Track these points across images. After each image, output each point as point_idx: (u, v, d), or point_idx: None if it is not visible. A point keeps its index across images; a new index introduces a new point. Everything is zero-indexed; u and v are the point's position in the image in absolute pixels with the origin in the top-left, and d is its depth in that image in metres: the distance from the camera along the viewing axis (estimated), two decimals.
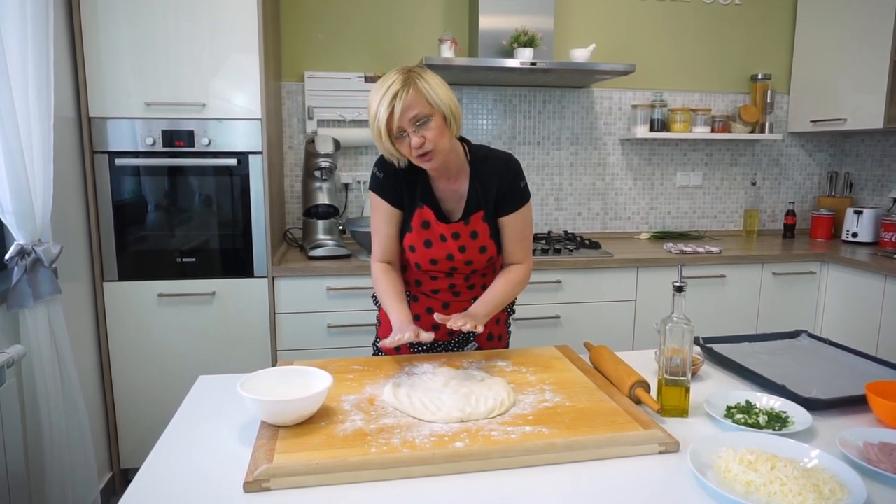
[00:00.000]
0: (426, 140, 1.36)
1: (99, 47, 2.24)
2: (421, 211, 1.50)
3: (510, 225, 1.55)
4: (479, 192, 1.52)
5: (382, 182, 1.52)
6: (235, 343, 2.46)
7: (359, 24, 2.99)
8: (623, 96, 3.27)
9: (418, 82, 1.35)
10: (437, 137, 1.37)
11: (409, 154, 1.40)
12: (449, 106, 1.39)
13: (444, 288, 1.59)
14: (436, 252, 1.52)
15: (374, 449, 1.02)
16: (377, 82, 1.38)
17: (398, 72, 1.37)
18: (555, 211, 3.31)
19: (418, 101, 1.34)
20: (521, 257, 1.59)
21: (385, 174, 1.52)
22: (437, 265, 1.54)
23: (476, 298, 1.61)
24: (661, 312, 2.65)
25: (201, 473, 1.00)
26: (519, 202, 1.54)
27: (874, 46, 2.88)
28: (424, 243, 1.51)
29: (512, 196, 1.53)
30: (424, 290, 1.61)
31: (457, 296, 1.60)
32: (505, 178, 1.52)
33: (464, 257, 1.53)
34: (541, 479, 1.00)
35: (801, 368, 1.46)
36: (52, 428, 1.89)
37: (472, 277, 1.60)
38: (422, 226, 1.51)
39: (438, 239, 1.51)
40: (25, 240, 1.82)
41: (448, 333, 1.63)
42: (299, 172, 3.01)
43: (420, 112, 1.34)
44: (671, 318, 1.21)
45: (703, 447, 1.04)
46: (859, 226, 3.12)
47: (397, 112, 1.32)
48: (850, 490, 0.92)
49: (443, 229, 1.51)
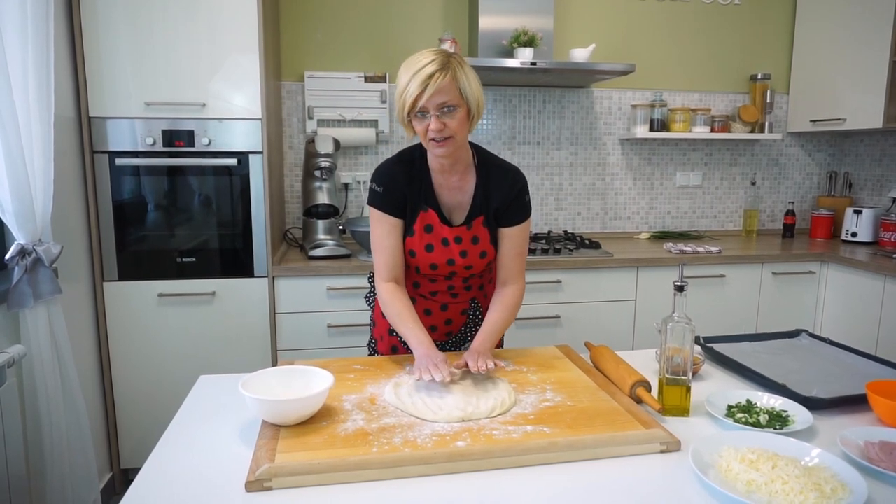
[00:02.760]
0: (446, 127, 1.34)
1: (99, 47, 2.24)
2: (424, 214, 1.48)
3: (511, 238, 1.53)
4: (483, 196, 1.50)
5: (382, 196, 1.48)
6: (235, 343, 2.46)
7: (359, 23, 2.99)
8: (623, 96, 3.27)
9: (457, 70, 1.34)
10: (458, 128, 1.36)
11: (423, 135, 1.38)
12: (477, 101, 1.39)
13: (443, 290, 1.58)
14: (437, 257, 1.50)
15: (375, 448, 1.02)
16: (412, 56, 1.36)
17: (437, 52, 1.35)
18: (555, 211, 3.31)
19: (451, 88, 1.33)
20: (516, 275, 1.55)
21: (384, 187, 1.48)
22: (437, 270, 1.53)
23: (474, 299, 1.61)
24: (661, 312, 2.66)
25: (203, 473, 1.00)
26: (523, 216, 1.53)
27: (873, 46, 2.88)
28: (426, 247, 1.49)
29: (516, 208, 1.51)
30: (423, 293, 1.60)
31: (454, 297, 1.59)
32: (512, 190, 1.50)
33: (464, 262, 1.51)
34: (542, 478, 1.00)
35: (802, 368, 1.46)
36: (52, 428, 1.89)
37: (471, 280, 1.59)
38: (424, 229, 1.49)
39: (440, 243, 1.50)
40: (26, 240, 1.82)
41: (445, 334, 1.63)
42: (299, 172, 3.01)
43: (449, 100, 1.33)
44: (672, 318, 1.21)
45: (704, 446, 1.04)
46: (859, 225, 3.12)
47: (428, 93, 1.31)
48: (852, 489, 0.92)
49: (445, 233, 1.49)
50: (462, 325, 1.64)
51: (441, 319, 1.60)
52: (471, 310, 1.62)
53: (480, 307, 1.63)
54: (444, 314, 1.60)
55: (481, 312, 1.63)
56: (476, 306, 1.63)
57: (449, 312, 1.60)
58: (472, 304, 1.62)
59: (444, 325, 1.61)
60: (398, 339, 1.62)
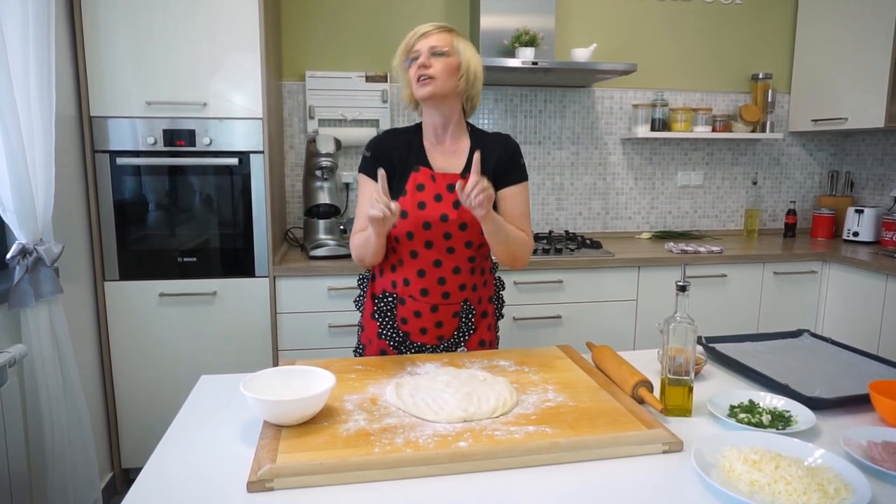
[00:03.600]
0: (431, 66, 1.45)
1: (100, 46, 2.24)
2: (416, 174, 1.51)
3: (512, 197, 1.56)
4: None
5: (370, 161, 1.55)
6: (236, 343, 2.46)
7: (360, 23, 2.98)
8: (624, 96, 3.27)
9: (455, 33, 1.51)
10: (442, 71, 1.46)
11: (412, 77, 1.47)
12: (468, 61, 1.49)
13: (434, 286, 1.54)
14: (429, 213, 1.48)
15: (377, 449, 1.02)
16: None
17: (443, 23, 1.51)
18: (556, 210, 3.31)
19: (444, 38, 1.47)
20: (524, 231, 1.57)
21: (373, 152, 1.56)
22: (431, 230, 1.49)
23: (466, 301, 1.58)
24: (663, 312, 2.66)
25: (204, 473, 1.00)
26: (520, 176, 1.58)
27: (875, 45, 2.88)
28: (418, 205, 1.49)
29: (512, 169, 1.56)
30: (412, 292, 1.56)
31: (445, 297, 1.55)
32: (506, 152, 1.56)
33: (458, 216, 1.48)
34: (544, 478, 0.99)
35: (804, 368, 1.46)
36: (53, 427, 1.89)
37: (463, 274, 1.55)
38: (416, 188, 1.50)
39: (433, 199, 1.50)
40: (27, 239, 1.82)
41: (437, 338, 1.59)
42: (300, 172, 3.00)
43: (440, 45, 1.46)
44: (674, 318, 1.21)
45: (706, 447, 1.04)
46: (860, 225, 3.12)
47: (423, 38, 1.46)
48: (855, 489, 0.92)
49: (439, 186, 1.50)
50: (454, 329, 1.60)
51: (431, 322, 1.57)
52: (462, 312, 1.59)
53: (473, 310, 1.61)
54: (435, 316, 1.56)
55: (474, 316, 1.61)
56: (468, 308, 1.59)
57: (439, 314, 1.56)
58: (464, 306, 1.59)
59: (435, 328, 1.57)
60: (387, 343, 1.61)
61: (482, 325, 1.64)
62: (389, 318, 1.60)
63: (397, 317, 1.59)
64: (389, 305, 1.60)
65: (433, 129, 1.55)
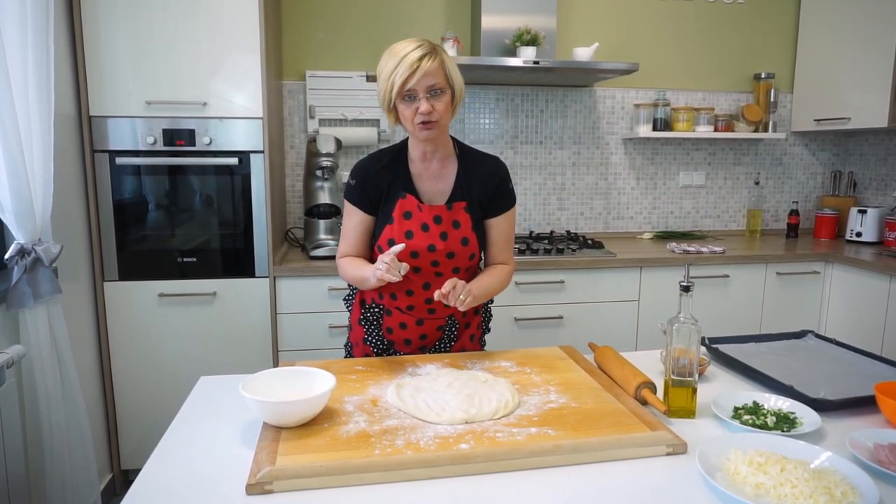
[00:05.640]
0: (434, 110, 1.40)
1: (99, 46, 2.23)
2: (403, 201, 1.50)
3: (498, 226, 1.58)
4: (465, 183, 1.52)
5: (355, 188, 1.53)
6: (236, 343, 2.45)
7: (360, 22, 2.97)
8: (626, 95, 3.26)
9: (443, 56, 1.42)
10: (444, 111, 1.42)
11: (411, 119, 1.41)
12: (460, 88, 1.46)
13: (420, 303, 1.55)
14: (417, 243, 1.48)
15: (377, 451, 1.01)
16: (395, 45, 1.41)
17: (421, 40, 1.41)
18: (557, 210, 3.30)
19: (439, 72, 1.40)
20: (506, 259, 1.62)
21: (358, 180, 1.53)
22: (419, 259, 1.49)
23: (451, 316, 1.59)
24: (665, 313, 2.64)
25: (203, 475, 0.99)
26: (508, 204, 1.58)
27: (878, 45, 2.87)
28: (405, 234, 1.49)
29: (501, 197, 1.56)
30: (399, 305, 1.57)
31: (431, 313, 1.56)
32: (494, 179, 1.55)
33: (445, 247, 1.49)
34: (546, 481, 0.98)
35: (808, 369, 1.44)
36: (52, 428, 1.88)
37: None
38: (403, 216, 1.49)
39: (420, 228, 1.49)
40: (25, 239, 1.81)
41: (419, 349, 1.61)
42: (300, 172, 2.99)
43: (437, 83, 1.40)
44: (678, 319, 1.20)
45: (711, 449, 1.03)
46: (863, 225, 3.10)
47: (418, 75, 1.36)
48: (862, 492, 0.91)
49: (425, 216, 1.49)
50: (437, 341, 1.62)
51: (416, 334, 1.59)
52: (447, 326, 1.60)
53: (457, 324, 1.62)
54: (420, 329, 1.58)
55: (457, 329, 1.62)
56: (452, 322, 1.61)
57: (424, 328, 1.58)
58: (449, 321, 1.60)
59: (419, 340, 1.60)
60: (371, 349, 1.62)
61: (464, 335, 1.64)
62: (375, 326, 1.62)
63: (383, 326, 1.61)
64: (376, 315, 1.61)
65: (421, 153, 1.52)
